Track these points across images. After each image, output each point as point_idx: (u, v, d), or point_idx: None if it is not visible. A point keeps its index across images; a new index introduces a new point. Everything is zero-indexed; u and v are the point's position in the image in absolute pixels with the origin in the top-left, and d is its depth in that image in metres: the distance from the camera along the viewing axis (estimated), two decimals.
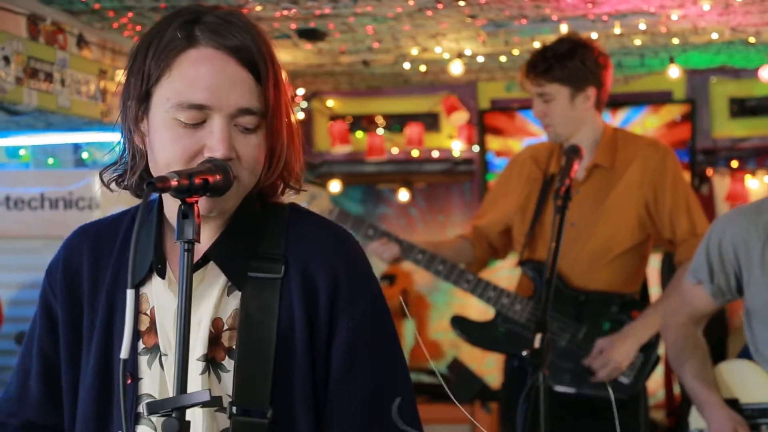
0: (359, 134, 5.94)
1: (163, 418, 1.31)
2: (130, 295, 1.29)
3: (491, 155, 5.83)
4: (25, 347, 1.61)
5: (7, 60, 3.29)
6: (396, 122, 5.93)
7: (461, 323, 3.22)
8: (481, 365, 5.67)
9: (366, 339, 1.51)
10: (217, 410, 1.46)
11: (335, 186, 5.93)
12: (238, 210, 1.50)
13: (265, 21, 3.92)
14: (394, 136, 5.90)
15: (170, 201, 1.48)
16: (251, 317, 1.47)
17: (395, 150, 5.92)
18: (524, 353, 3.03)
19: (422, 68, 5.11)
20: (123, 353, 1.29)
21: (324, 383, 1.49)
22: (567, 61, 3.02)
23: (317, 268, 1.49)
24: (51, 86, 3.53)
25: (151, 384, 1.48)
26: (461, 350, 5.69)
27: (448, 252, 3.24)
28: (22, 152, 4.66)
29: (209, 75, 1.41)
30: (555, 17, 3.96)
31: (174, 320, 1.46)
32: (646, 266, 3.23)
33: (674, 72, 4.86)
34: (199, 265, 1.47)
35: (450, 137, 5.90)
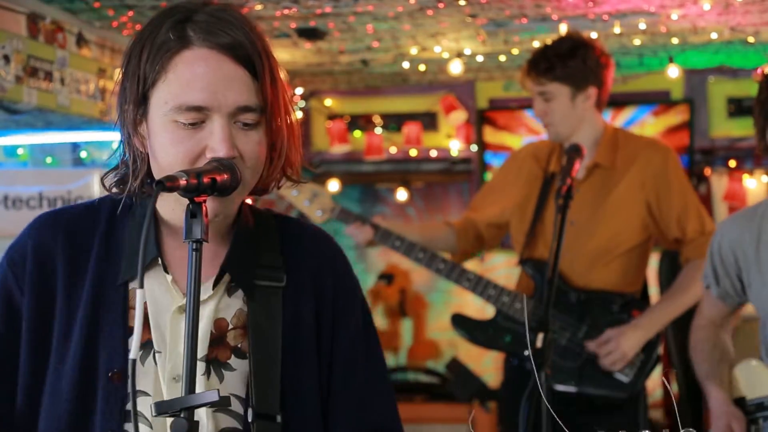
0: (357, 134, 5.93)
1: (170, 418, 1.30)
2: (140, 295, 1.28)
3: (489, 154, 5.82)
4: None
5: (7, 59, 3.28)
6: (394, 122, 5.92)
7: (462, 321, 3.22)
8: (479, 364, 5.67)
9: (364, 337, 1.57)
10: (217, 410, 1.46)
11: (333, 185, 5.92)
12: (239, 221, 1.51)
13: (266, 20, 3.91)
14: (392, 136, 5.90)
15: (170, 201, 1.47)
16: (260, 325, 1.48)
17: (393, 149, 5.91)
18: (526, 353, 3.04)
19: (421, 68, 5.11)
20: (132, 353, 1.28)
21: (327, 381, 1.53)
22: (568, 60, 3.02)
23: (320, 274, 1.54)
24: (51, 85, 3.52)
25: (145, 381, 1.46)
26: (459, 349, 5.69)
27: (428, 235, 3.22)
28: (20, 151, 4.65)
29: (205, 75, 1.40)
30: (555, 16, 3.96)
31: (171, 319, 1.47)
32: (647, 266, 3.23)
33: (673, 72, 4.86)
34: (218, 279, 1.48)
35: (448, 137, 5.90)
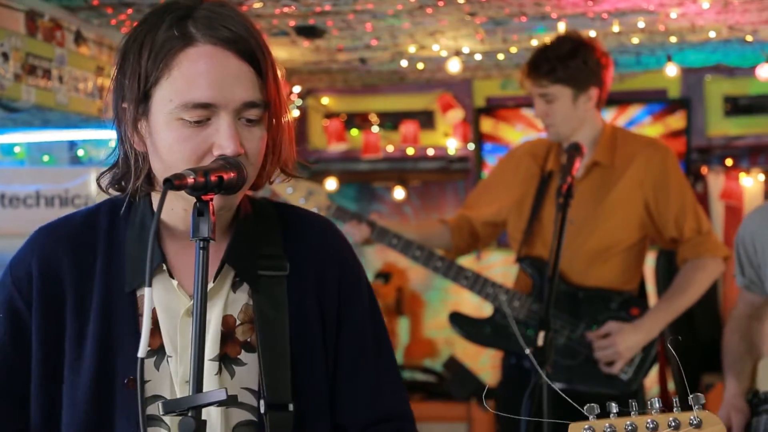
0: (354, 132, 5.93)
1: (178, 418, 1.30)
2: (148, 294, 1.29)
3: (486, 146, 5.80)
4: None
5: (6, 56, 3.26)
6: (391, 120, 5.92)
7: (459, 320, 3.22)
8: (476, 363, 5.67)
9: (371, 324, 1.58)
10: (231, 406, 1.46)
11: (330, 184, 5.92)
12: (238, 214, 1.51)
13: (264, 18, 3.90)
14: (389, 134, 5.90)
15: (169, 202, 1.45)
16: (266, 315, 1.48)
17: (390, 148, 5.91)
18: (527, 351, 3.04)
19: (420, 66, 5.11)
20: (141, 352, 1.28)
21: (334, 369, 1.54)
22: (570, 62, 3.01)
23: (325, 260, 1.54)
24: (49, 83, 3.51)
25: (159, 386, 1.46)
26: (456, 348, 5.69)
27: (423, 233, 3.22)
28: (17, 149, 4.63)
29: (212, 72, 1.39)
30: (555, 15, 3.96)
31: (181, 322, 1.47)
32: (644, 264, 3.24)
33: (672, 70, 4.87)
34: (218, 272, 1.48)
35: (445, 135, 5.90)
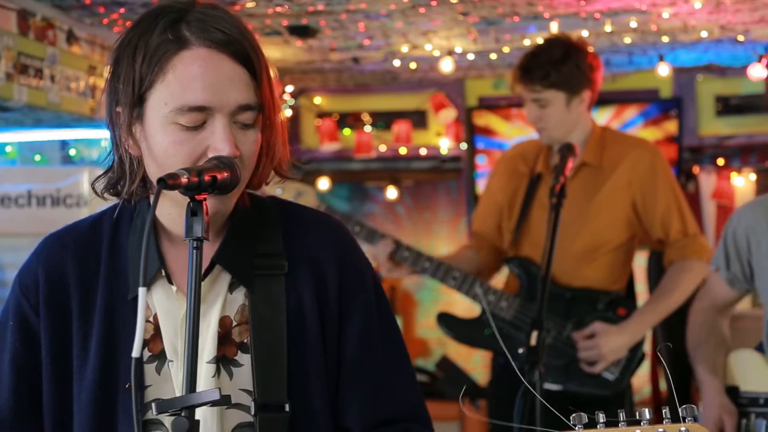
0: (347, 132, 5.93)
1: (174, 418, 1.30)
2: (142, 293, 1.28)
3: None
4: None
5: None
6: (383, 120, 5.92)
7: (447, 320, 3.22)
8: (469, 362, 5.68)
9: (376, 322, 1.54)
10: (228, 407, 1.46)
11: (323, 183, 5.92)
12: (234, 212, 1.50)
13: (257, 17, 3.90)
14: (382, 134, 5.90)
15: (168, 207, 1.46)
16: (262, 315, 1.47)
17: (383, 147, 5.91)
18: (520, 351, 3.04)
19: (412, 65, 5.11)
20: (135, 352, 1.28)
21: (336, 369, 1.51)
22: (562, 66, 3.01)
23: (324, 259, 1.52)
24: (41, 82, 3.50)
25: (160, 391, 1.46)
26: (448, 348, 5.70)
27: (455, 262, 3.22)
28: (9, 149, 4.62)
29: (207, 75, 1.39)
30: (547, 15, 3.97)
31: (181, 327, 1.46)
32: (632, 264, 3.24)
33: (663, 70, 4.88)
34: (207, 272, 1.47)
35: (438, 135, 5.90)
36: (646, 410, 1.26)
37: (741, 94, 5.60)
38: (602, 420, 1.26)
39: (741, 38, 4.57)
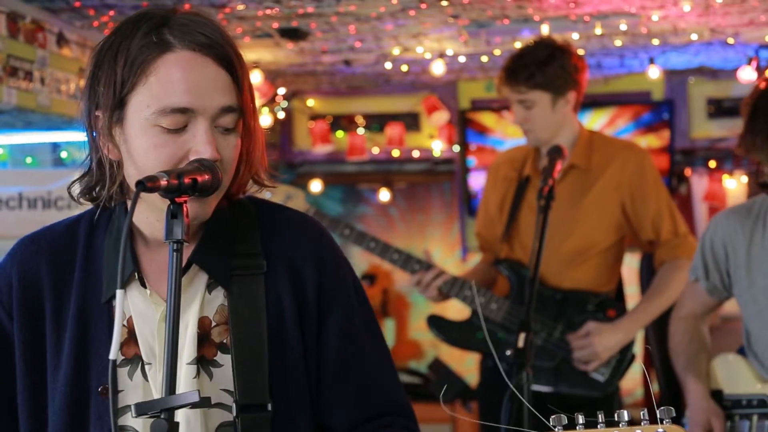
0: (340, 134, 5.93)
1: (151, 421, 1.30)
2: (119, 295, 1.28)
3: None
4: None
5: None
6: (376, 122, 5.93)
7: (437, 322, 3.22)
8: (462, 364, 5.68)
9: (356, 321, 1.54)
10: (208, 408, 1.45)
11: (316, 186, 5.92)
12: (211, 215, 1.50)
13: (248, 20, 3.90)
14: (375, 136, 5.90)
15: (145, 211, 1.46)
16: (240, 315, 1.47)
17: (376, 150, 5.91)
18: (508, 353, 3.05)
19: (404, 68, 5.12)
20: (112, 354, 1.28)
21: (316, 369, 1.51)
22: (547, 67, 3.02)
23: (302, 258, 1.52)
24: (31, 85, 3.50)
25: (134, 395, 1.45)
26: (441, 350, 5.70)
27: (478, 278, 3.23)
28: (0, 151, 4.61)
29: (190, 77, 1.40)
30: (537, 17, 3.98)
31: (157, 329, 1.46)
32: (621, 265, 3.25)
33: (654, 72, 4.89)
34: (184, 272, 1.46)
35: (430, 137, 5.91)
36: (625, 412, 1.26)
37: (732, 97, 5.61)
38: (581, 421, 1.26)
39: (731, 41, 4.58)
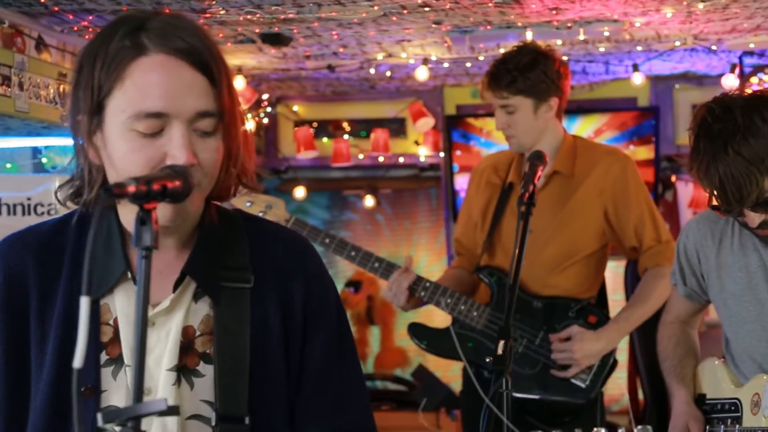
0: (325, 140, 5.92)
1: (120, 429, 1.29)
2: (84, 302, 1.27)
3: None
4: None
5: None
6: (362, 128, 5.92)
7: (417, 330, 3.21)
8: (447, 372, 5.66)
9: (337, 339, 1.56)
10: (189, 418, 1.46)
11: (300, 192, 5.91)
12: (203, 224, 1.51)
13: (229, 25, 3.89)
14: (360, 142, 5.89)
15: (127, 210, 1.47)
16: (226, 326, 1.48)
17: (361, 156, 5.90)
18: (487, 360, 3.04)
19: (388, 73, 5.11)
20: (76, 362, 1.26)
21: (296, 384, 1.52)
22: (529, 73, 3.02)
23: (289, 275, 1.53)
24: (9, 90, 3.48)
25: (117, 396, 1.45)
26: (427, 357, 5.68)
27: (456, 286, 3.20)
28: None
29: (164, 82, 1.39)
30: (520, 23, 3.98)
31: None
32: (604, 272, 3.25)
33: (638, 79, 4.90)
34: (179, 282, 1.48)
35: (416, 143, 5.90)
36: (602, 429, 1.27)
37: None
38: None
39: (714, 48, 4.59)
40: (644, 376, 4.78)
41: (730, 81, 4.76)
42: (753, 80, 4.92)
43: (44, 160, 4.43)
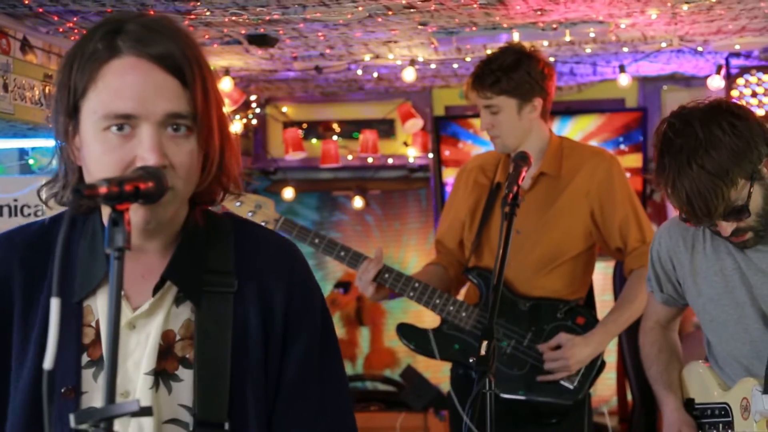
0: (314, 141, 5.92)
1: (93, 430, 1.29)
2: (54, 304, 1.26)
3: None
4: None
5: None
6: (351, 129, 5.92)
7: (406, 331, 3.21)
8: (437, 373, 5.65)
9: (319, 347, 1.55)
10: (166, 422, 1.45)
11: (289, 193, 5.90)
12: (186, 227, 1.50)
13: (215, 26, 3.89)
14: (349, 143, 5.89)
15: (106, 211, 1.45)
16: (207, 331, 1.47)
17: (350, 157, 5.91)
18: (471, 360, 3.04)
19: (374, 74, 5.12)
20: (46, 364, 1.26)
21: (275, 390, 1.51)
22: (513, 73, 3.02)
23: (273, 281, 1.52)
24: None
25: (98, 397, 1.44)
26: (417, 358, 5.68)
27: (428, 281, 3.20)
28: None
29: (134, 84, 1.39)
30: (505, 24, 3.98)
31: (121, 334, 1.43)
32: (592, 273, 3.25)
33: (624, 80, 4.90)
34: (158, 287, 1.47)
35: (405, 144, 5.91)
36: None
37: None
38: None
39: (700, 49, 4.60)
40: (632, 377, 4.79)
41: (716, 82, 4.76)
42: (739, 81, 4.92)
43: (31, 162, 4.43)
